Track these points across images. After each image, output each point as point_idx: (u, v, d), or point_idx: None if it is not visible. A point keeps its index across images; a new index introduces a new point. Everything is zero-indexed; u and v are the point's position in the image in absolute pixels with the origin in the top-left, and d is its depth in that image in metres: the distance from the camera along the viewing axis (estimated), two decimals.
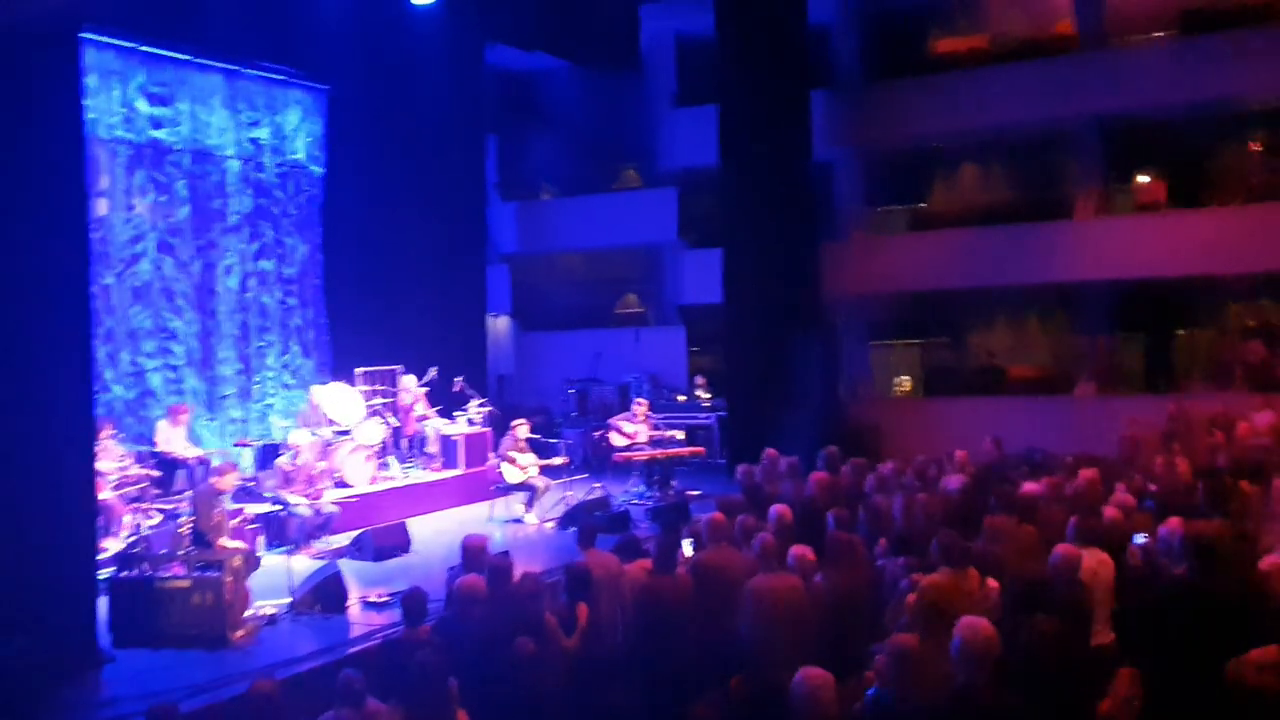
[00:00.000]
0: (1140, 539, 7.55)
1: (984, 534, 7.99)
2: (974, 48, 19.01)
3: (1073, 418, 16.47)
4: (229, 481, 9.52)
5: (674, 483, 14.40)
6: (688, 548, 8.87)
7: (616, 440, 14.13)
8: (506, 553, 8.73)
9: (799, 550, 7.12)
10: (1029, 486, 9.55)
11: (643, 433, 14.28)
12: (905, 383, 20.21)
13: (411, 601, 6.58)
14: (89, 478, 8.13)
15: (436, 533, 12.31)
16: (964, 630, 5.04)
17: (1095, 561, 6.94)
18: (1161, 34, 17.81)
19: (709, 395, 18.29)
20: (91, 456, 8.31)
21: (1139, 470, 11.24)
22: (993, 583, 6.88)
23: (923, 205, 19.87)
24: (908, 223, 19.82)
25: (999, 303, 18.75)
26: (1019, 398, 17.81)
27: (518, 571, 7.24)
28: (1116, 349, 18.26)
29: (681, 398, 18.66)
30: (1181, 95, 16.65)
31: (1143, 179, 18.45)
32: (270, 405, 15.12)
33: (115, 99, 13.23)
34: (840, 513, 8.32)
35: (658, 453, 14.19)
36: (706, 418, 17.78)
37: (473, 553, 7.71)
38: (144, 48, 13.49)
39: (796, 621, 6.66)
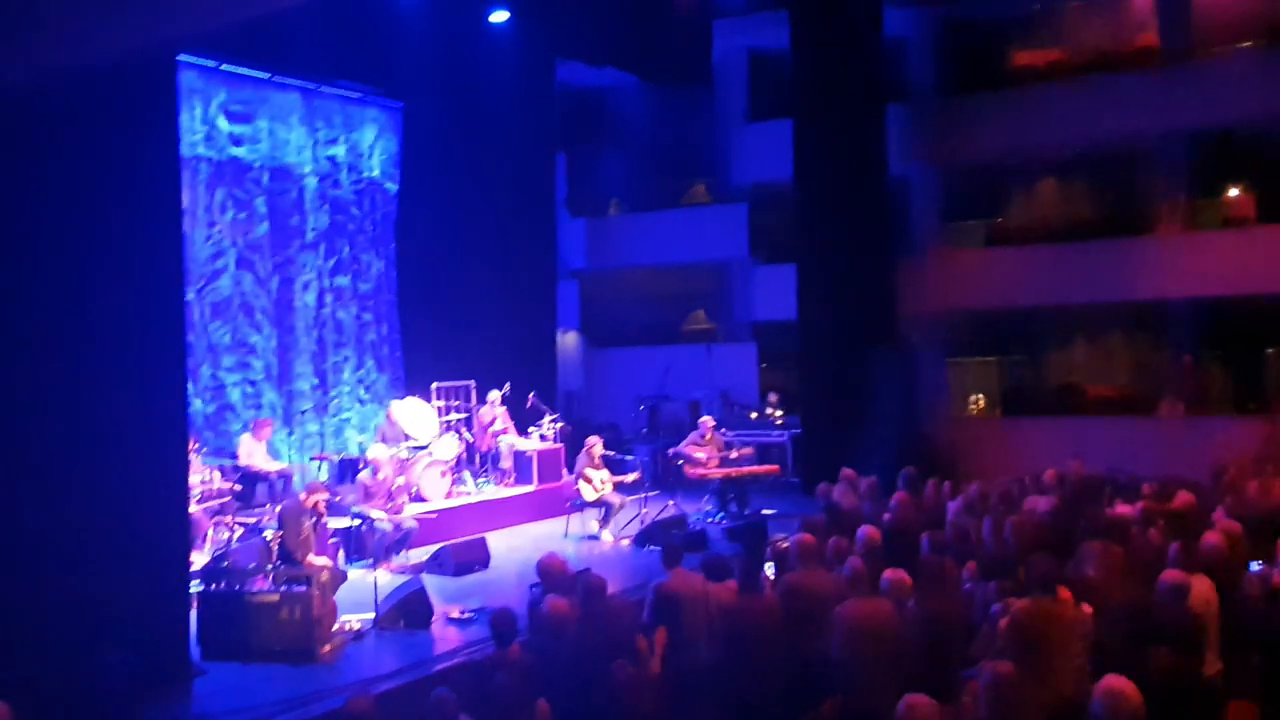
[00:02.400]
0: (1257, 567, 7.30)
1: (1079, 558, 7.79)
2: (1053, 61, 18.77)
3: (1156, 439, 16.11)
4: (317, 499, 9.56)
5: (748, 501, 14.25)
6: (769, 569, 8.76)
7: (691, 468, 14.00)
8: (588, 569, 8.69)
9: (893, 574, 6.97)
10: (1122, 510, 9.34)
11: (714, 455, 14.10)
12: (980, 401, 19.91)
13: (501, 621, 6.53)
14: (182, 492, 8.20)
15: (511, 548, 12.28)
16: (1104, 696, 4.73)
17: (1202, 589, 6.71)
18: (1248, 45, 17.42)
19: (782, 412, 18.10)
20: (185, 471, 8.39)
21: (1231, 494, 10.94)
22: (1086, 608, 6.69)
23: (1000, 221, 19.60)
24: (985, 238, 19.57)
25: (1079, 320, 18.43)
26: (1100, 418, 17.47)
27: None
28: (1202, 368, 17.83)
29: (754, 415, 18.50)
30: (1270, 107, 16.26)
31: (1230, 193, 18.05)
32: (346, 420, 15.23)
33: (197, 117, 13.41)
34: (935, 536, 8.18)
35: (732, 471, 14.02)
36: (779, 435, 17.58)
37: (551, 572, 7.64)
38: (224, 66, 13.66)
39: (889, 647, 6.51)
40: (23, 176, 7.04)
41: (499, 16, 15.81)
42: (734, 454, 14.23)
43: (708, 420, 14.62)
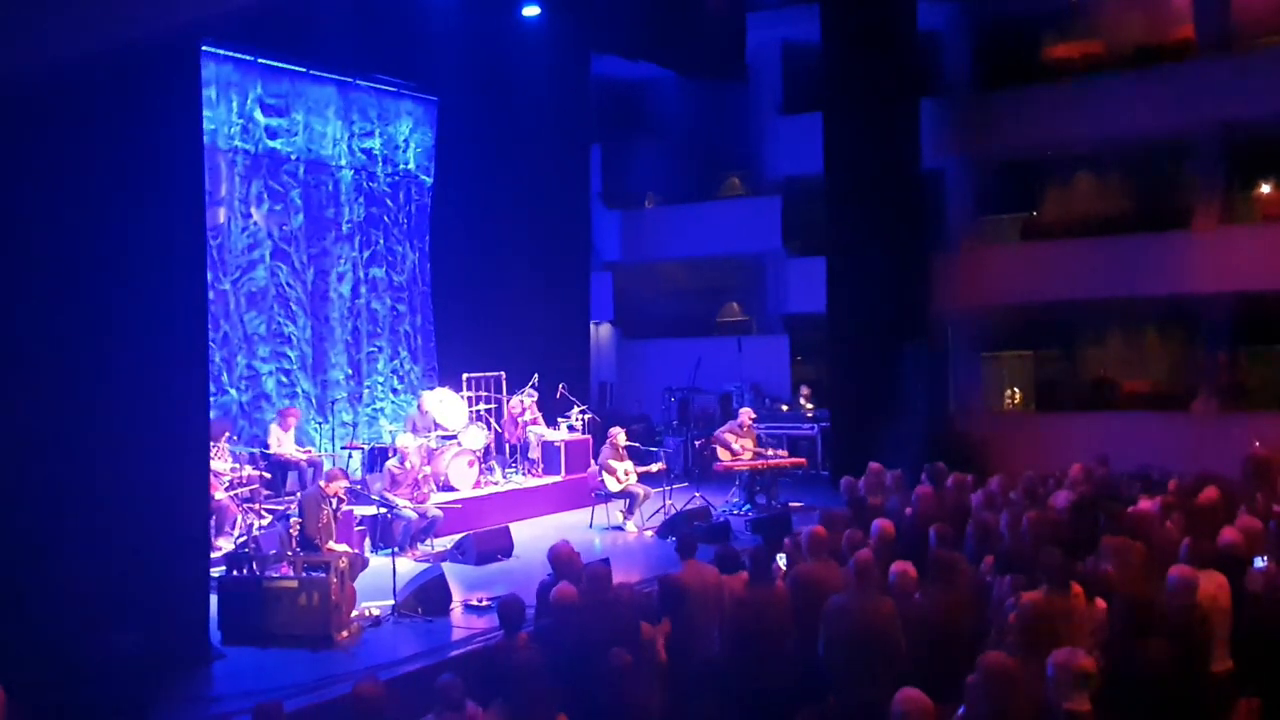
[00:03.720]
0: (1260, 563, 7.24)
1: (1098, 553, 7.76)
2: (1089, 53, 18.54)
3: (1191, 435, 15.90)
4: (337, 486, 9.71)
5: (776, 494, 14.27)
6: (781, 561, 8.79)
7: (723, 456, 13.99)
8: (606, 560, 8.79)
9: (900, 567, 6.98)
10: (1143, 505, 9.27)
11: (748, 447, 14.11)
12: (1015, 395, 19.77)
13: (508, 609, 6.62)
14: (203, 478, 8.37)
15: (535, 538, 12.35)
16: (1058, 659, 4.90)
17: (1213, 585, 6.67)
18: None
19: (812, 406, 18.08)
20: (206, 458, 8.56)
21: (1263, 491, 10.79)
22: (1100, 603, 6.67)
23: (1035, 215, 19.41)
24: (1019, 232, 19.40)
25: (1114, 315, 18.23)
26: (1134, 413, 17.30)
27: (615, 579, 7.23)
28: (1238, 364, 17.59)
29: (785, 407, 18.49)
30: None
31: (1266, 188, 17.75)
32: (379, 409, 15.42)
33: (234, 110, 13.64)
34: (943, 529, 8.17)
35: (760, 463, 14.04)
36: (809, 428, 17.56)
37: (561, 561, 7.73)
38: (261, 60, 13.87)
39: (881, 642, 6.47)
40: (44, 165, 7.21)
41: (532, 11, 15.92)
42: (769, 452, 14.24)
43: (747, 411, 14.61)
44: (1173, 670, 5.45)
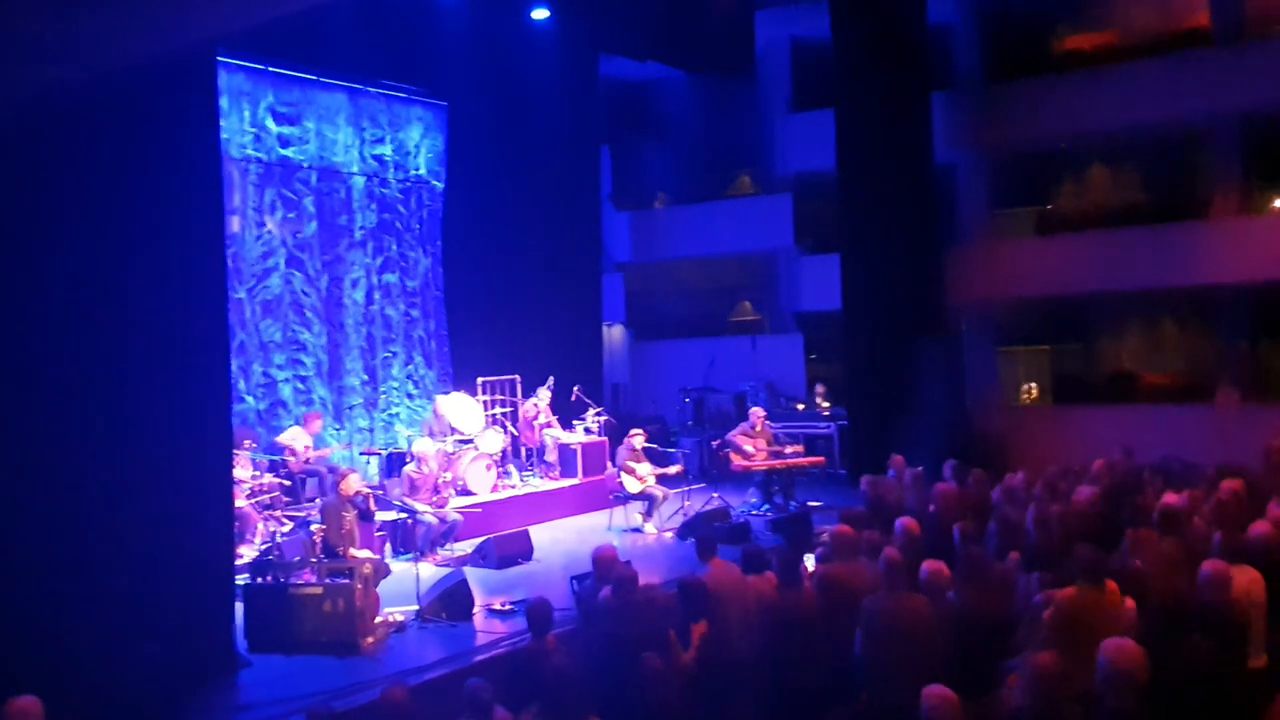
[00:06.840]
0: None
1: (1125, 548, 7.69)
2: (1102, 44, 18.43)
3: (1212, 427, 15.76)
4: (352, 484, 9.68)
5: (794, 493, 14.20)
6: (810, 562, 8.73)
7: (737, 460, 13.93)
8: (628, 563, 8.74)
9: (932, 566, 6.92)
10: (1169, 499, 9.18)
11: (762, 447, 14.03)
12: (1032, 390, 19.67)
13: (537, 612, 6.59)
14: (227, 486, 8.35)
15: (555, 541, 12.40)
16: (1110, 652, 4.83)
17: (1246, 579, 6.60)
18: None
19: (828, 404, 18.01)
20: (230, 466, 8.55)
21: None
22: (1129, 600, 6.61)
23: (1050, 207, 19.30)
24: (1034, 225, 19.28)
25: (1131, 307, 18.10)
26: (1154, 406, 17.17)
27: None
28: (1259, 355, 17.44)
29: (801, 406, 18.42)
30: None
31: None
32: (395, 415, 15.41)
33: (246, 119, 13.65)
34: (966, 526, 8.11)
35: (777, 463, 13.97)
36: (826, 427, 17.48)
37: (604, 564, 7.70)
38: (272, 69, 13.89)
39: (918, 641, 6.43)
40: (64, 175, 7.21)
41: (541, 14, 15.91)
42: (787, 449, 14.16)
43: (758, 411, 14.51)
44: (1212, 667, 5.38)
